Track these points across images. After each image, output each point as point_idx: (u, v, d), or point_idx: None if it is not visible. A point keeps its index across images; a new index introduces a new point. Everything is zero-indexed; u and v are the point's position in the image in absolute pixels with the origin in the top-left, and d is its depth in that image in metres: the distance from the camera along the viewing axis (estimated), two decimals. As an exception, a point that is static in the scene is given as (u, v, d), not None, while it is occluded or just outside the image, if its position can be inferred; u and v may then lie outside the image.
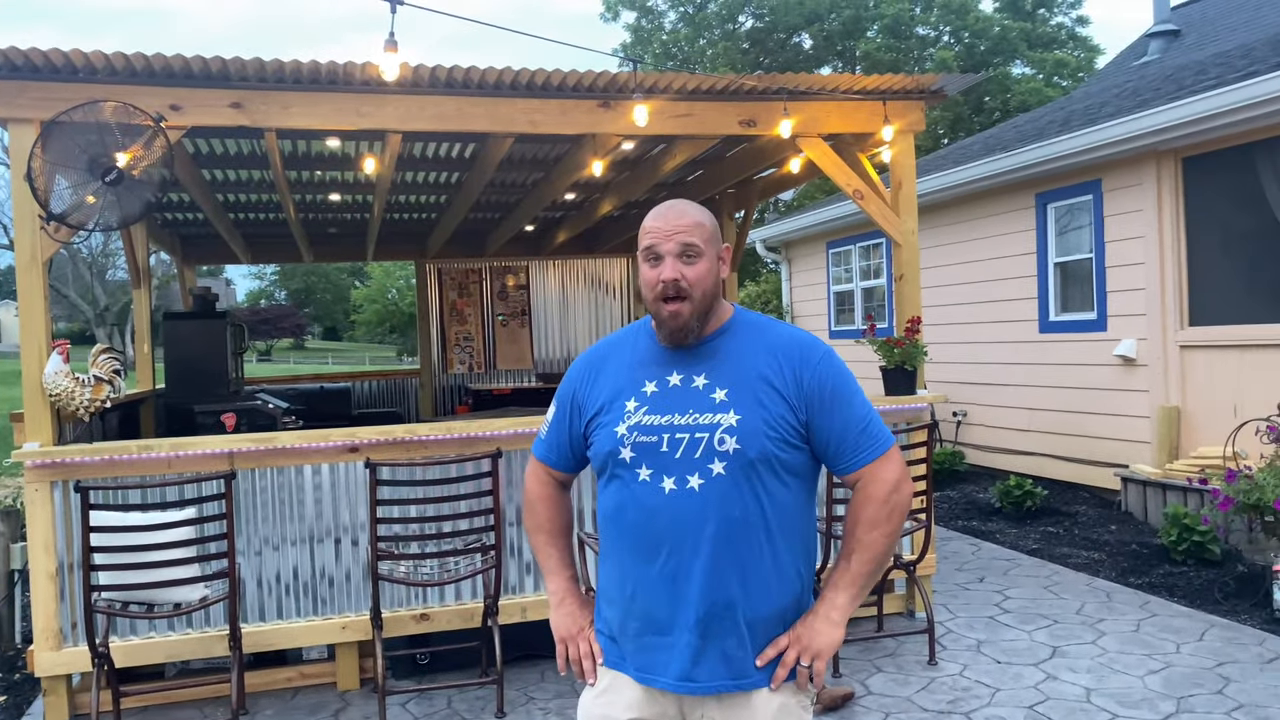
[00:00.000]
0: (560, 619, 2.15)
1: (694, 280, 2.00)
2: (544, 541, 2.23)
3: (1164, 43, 13.43)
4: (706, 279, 2.02)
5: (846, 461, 2.02)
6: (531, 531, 2.26)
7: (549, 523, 2.24)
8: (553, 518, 2.25)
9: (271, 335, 54.78)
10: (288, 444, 4.69)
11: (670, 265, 2.00)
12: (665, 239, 2.01)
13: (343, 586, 4.81)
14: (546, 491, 2.25)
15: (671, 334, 2.03)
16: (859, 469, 2.02)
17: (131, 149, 4.49)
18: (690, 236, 2.01)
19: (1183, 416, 7.56)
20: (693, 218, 2.03)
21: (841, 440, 2.01)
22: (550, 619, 2.17)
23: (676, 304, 2.00)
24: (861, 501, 2.03)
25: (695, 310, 2.01)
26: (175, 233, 9.75)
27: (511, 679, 4.78)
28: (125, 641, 4.50)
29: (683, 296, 1.99)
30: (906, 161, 5.65)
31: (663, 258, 2.01)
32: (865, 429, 2.03)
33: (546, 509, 2.25)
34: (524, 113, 5.04)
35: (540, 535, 2.24)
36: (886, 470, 2.03)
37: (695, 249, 2.01)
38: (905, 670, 4.77)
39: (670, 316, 2.01)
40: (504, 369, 11.50)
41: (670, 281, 1.99)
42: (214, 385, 7.52)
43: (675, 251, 2.00)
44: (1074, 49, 30.80)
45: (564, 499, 2.27)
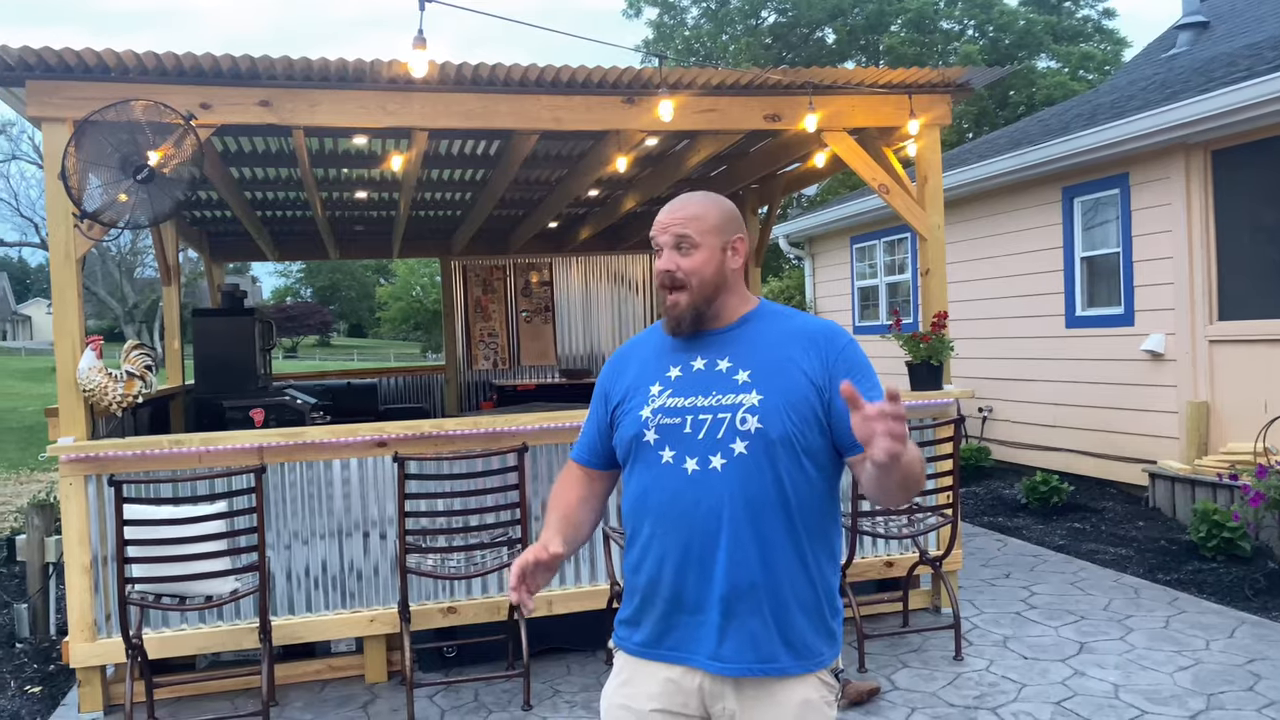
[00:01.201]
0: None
1: (689, 270, 2.05)
2: (549, 509, 2.24)
3: (1193, 35, 13.28)
4: (705, 268, 2.05)
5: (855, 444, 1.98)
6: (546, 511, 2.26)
7: (560, 495, 2.24)
8: (564, 490, 2.25)
9: (297, 332, 55.19)
10: (316, 439, 4.74)
11: (666, 256, 2.06)
12: (661, 231, 2.08)
13: (371, 580, 4.85)
14: (567, 476, 2.28)
15: (670, 322, 2.09)
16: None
17: (162, 147, 4.55)
18: (683, 228, 2.06)
19: (1212, 412, 7.48)
20: (691, 210, 2.08)
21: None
22: None
23: (675, 294, 2.06)
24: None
25: (693, 299, 2.05)
26: (204, 230, 9.85)
27: (538, 672, 4.81)
28: (158, 634, 4.56)
29: (678, 286, 2.05)
30: (932, 156, 5.62)
31: (661, 249, 2.08)
32: None
33: (561, 486, 2.26)
34: (549, 109, 5.06)
35: (548, 507, 2.24)
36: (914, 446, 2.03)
37: (689, 240, 2.05)
38: (931, 665, 4.76)
39: (670, 305, 2.07)
40: (528, 365, 11.55)
41: (664, 272, 2.06)
42: (243, 381, 7.59)
43: (670, 243, 2.06)
44: (1100, 42, 30.50)
45: (587, 484, 2.24)
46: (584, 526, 2.22)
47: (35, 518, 5.51)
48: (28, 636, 5.56)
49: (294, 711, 4.51)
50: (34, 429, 18.96)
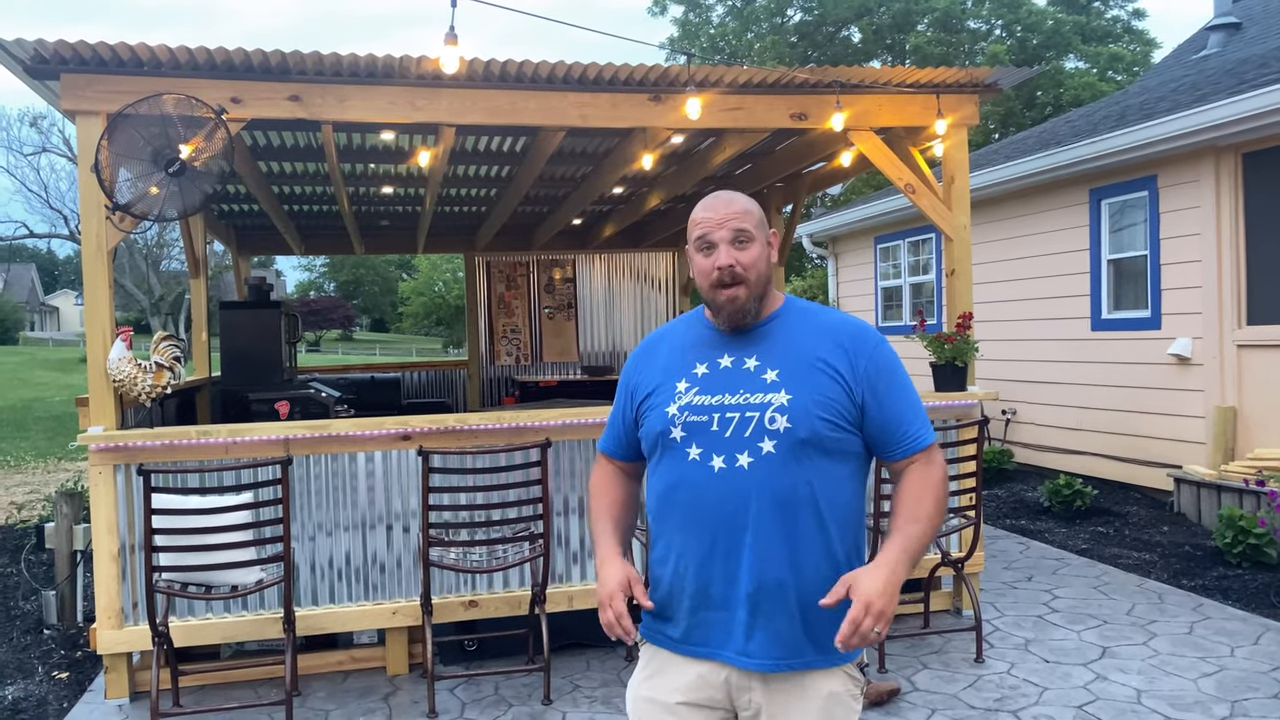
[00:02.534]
0: (602, 579, 2.10)
1: (748, 264, 2.05)
2: (597, 515, 2.25)
3: (1224, 36, 13.14)
4: (760, 263, 2.07)
5: (900, 446, 2.05)
6: (590, 514, 2.29)
7: (604, 497, 2.27)
8: (607, 492, 2.27)
9: (320, 326, 55.54)
10: (342, 431, 4.78)
11: (725, 252, 2.05)
12: (717, 226, 2.06)
13: (394, 572, 4.89)
14: (604, 474, 2.31)
15: (730, 317, 2.07)
16: (915, 454, 2.06)
17: (193, 141, 4.60)
18: (741, 222, 2.06)
19: (1239, 417, 7.41)
20: (741, 205, 2.09)
21: (896, 424, 2.05)
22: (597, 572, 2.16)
23: (733, 289, 2.04)
24: (918, 479, 2.05)
25: (752, 293, 2.06)
26: (231, 224, 9.94)
27: (558, 667, 4.83)
28: (184, 622, 4.62)
29: (739, 281, 2.04)
30: (959, 156, 5.60)
31: (716, 245, 2.06)
32: (918, 416, 2.08)
33: (602, 487, 2.29)
34: (575, 106, 5.07)
35: (595, 512, 2.26)
36: (937, 458, 2.08)
37: (747, 234, 2.06)
38: (952, 667, 4.74)
39: (728, 301, 2.05)
40: (550, 361, 11.59)
41: (726, 268, 2.04)
42: (268, 373, 7.66)
43: (728, 238, 2.05)
44: (1129, 43, 30.21)
45: (624, 481, 2.30)
46: (631, 529, 2.27)
47: (64, 506, 5.58)
48: (55, 623, 5.63)
49: (316, 701, 4.55)
50: (61, 419, 19.19)
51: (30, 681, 4.88)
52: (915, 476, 2.05)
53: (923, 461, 2.05)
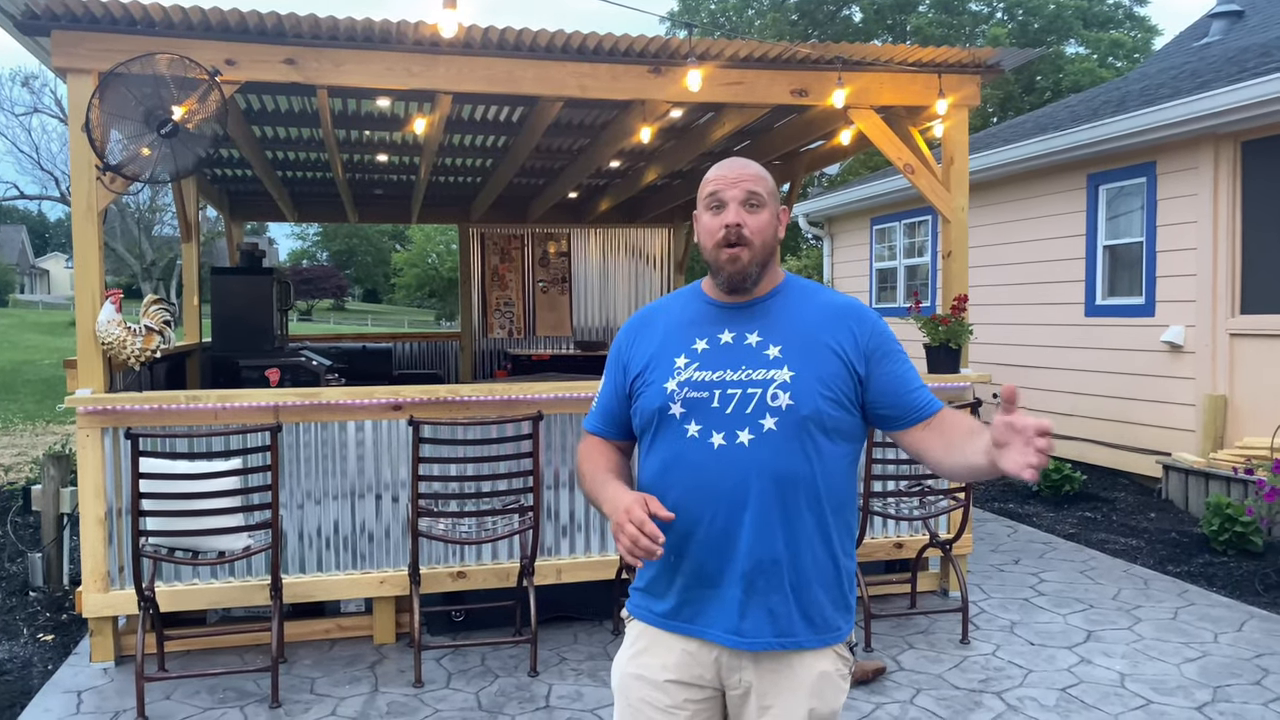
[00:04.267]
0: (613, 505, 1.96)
1: (755, 229, 2.02)
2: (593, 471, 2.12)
3: (1227, 24, 13.09)
4: (767, 229, 2.04)
5: (915, 410, 2.00)
6: (584, 480, 2.15)
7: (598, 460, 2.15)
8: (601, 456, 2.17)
9: (312, 295, 55.28)
10: (332, 400, 4.75)
11: (734, 210, 2.01)
12: (730, 185, 2.03)
13: (382, 542, 4.88)
14: (593, 444, 2.22)
15: (730, 279, 2.04)
16: (929, 417, 2.00)
17: (186, 102, 4.54)
18: (754, 185, 2.03)
19: (1230, 406, 7.43)
20: (756, 170, 2.06)
21: (907, 391, 2.01)
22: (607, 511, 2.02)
23: (737, 249, 2.01)
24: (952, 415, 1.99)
25: (754, 258, 2.02)
26: (224, 189, 9.86)
27: (545, 639, 4.84)
28: (170, 587, 4.60)
29: (743, 243, 2.01)
30: (959, 137, 5.56)
31: (726, 204, 2.02)
32: (923, 385, 2.06)
33: (594, 453, 2.18)
34: (574, 76, 5.02)
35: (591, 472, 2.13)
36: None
37: (759, 198, 2.03)
38: (938, 648, 4.76)
39: (729, 260, 2.02)
40: (543, 335, 11.56)
41: (733, 226, 2.00)
42: (259, 340, 7.62)
43: (740, 199, 2.02)
44: (1131, 29, 30.11)
45: (615, 452, 2.21)
46: (632, 485, 2.12)
47: (51, 468, 5.55)
48: (41, 585, 5.62)
49: (302, 669, 4.55)
50: (50, 381, 19.10)
51: (15, 644, 4.86)
52: (946, 415, 2.00)
53: (949, 412, 2.02)
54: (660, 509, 1.88)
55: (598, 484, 2.10)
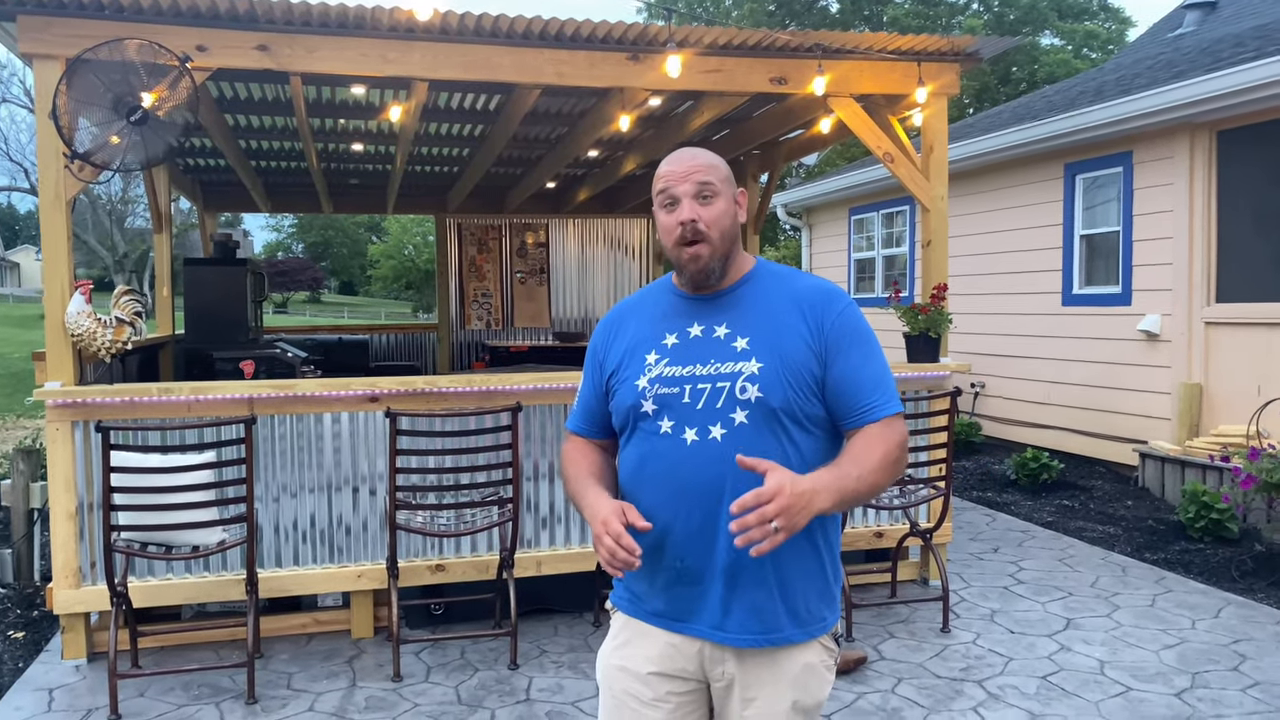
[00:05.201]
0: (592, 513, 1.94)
1: (711, 220, 1.97)
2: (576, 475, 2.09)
3: (1200, 15, 13.18)
4: (724, 219, 1.99)
5: (858, 413, 1.94)
6: (568, 483, 2.13)
7: (580, 462, 2.13)
8: (584, 458, 2.14)
9: (288, 288, 54.86)
10: (308, 392, 4.69)
11: (688, 206, 1.97)
12: (680, 180, 1.98)
13: (359, 535, 4.82)
14: (577, 444, 2.19)
15: (693, 277, 2.00)
16: (870, 423, 1.94)
17: (156, 89, 4.45)
18: (705, 175, 1.98)
19: (1205, 394, 7.48)
20: (705, 159, 2.01)
21: (856, 389, 1.94)
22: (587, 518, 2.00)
23: (696, 246, 1.97)
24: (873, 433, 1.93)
25: (715, 251, 1.98)
26: (197, 179, 9.73)
27: (525, 631, 4.80)
28: (143, 582, 4.53)
29: (701, 238, 1.96)
30: (939, 125, 5.55)
31: (679, 200, 1.98)
32: (880, 383, 1.97)
33: (577, 454, 2.16)
34: (552, 63, 4.97)
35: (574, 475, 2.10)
36: (898, 425, 1.97)
37: (711, 187, 1.98)
38: (918, 637, 4.76)
39: (690, 260, 1.98)
40: (521, 327, 11.50)
41: (688, 223, 1.96)
42: (233, 332, 7.52)
43: (691, 192, 1.97)
44: (1105, 20, 30.28)
45: (599, 452, 2.18)
46: (615, 490, 2.11)
47: (20, 463, 5.46)
48: (11, 582, 5.52)
49: (279, 664, 4.50)
50: (20, 375, 18.84)
51: (-15, 641, 4.78)
52: (870, 431, 1.94)
53: (881, 424, 1.95)
54: (638, 519, 1.87)
55: (579, 489, 2.07)
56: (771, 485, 1.72)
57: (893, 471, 1.93)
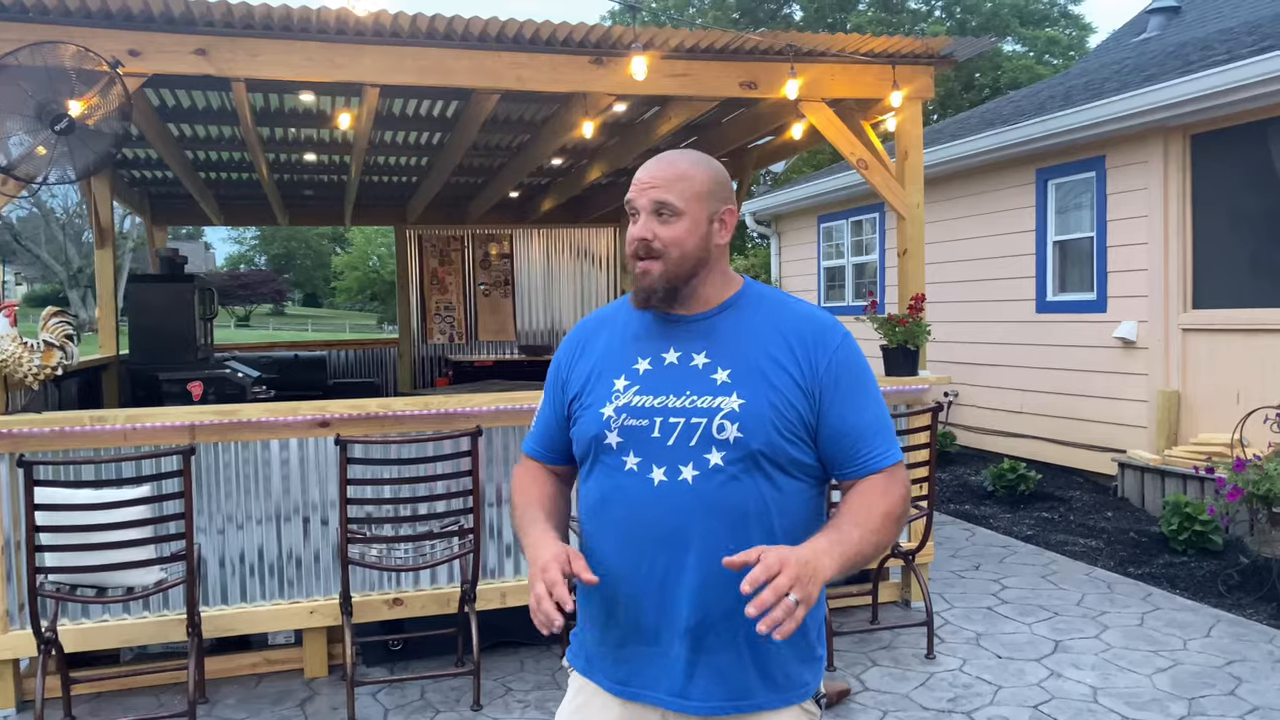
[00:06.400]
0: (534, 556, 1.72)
1: (668, 241, 1.75)
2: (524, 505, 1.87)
3: (1164, 19, 13.19)
4: (686, 240, 1.76)
5: (857, 463, 1.74)
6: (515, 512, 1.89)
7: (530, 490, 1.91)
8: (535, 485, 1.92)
9: (251, 301, 54.04)
10: (253, 417, 4.39)
11: (643, 223, 1.76)
12: (640, 193, 1.77)
13: (311, 568, 4.53)
14: (530, 470, 1.96)
15: (638, 294, 1.80)
16: (871, 474, 1.74)
17: (86, 97, 4.16)
18: (665, 193, 1.75)
19: (1183, 402, 7.36)
20: (678, 169, 1.78)
21: (856, 437, 1.74)
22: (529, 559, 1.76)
23: (646, 262, 1.76)
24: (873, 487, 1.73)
25: (668, 272, 1.76)
26: (144, 191, 9.37)
27: (489, 668, 4.53)
28: (76, 625, 4.21)
29: (653, 255, 1.75)
30: (913, 130, 5.37)
31: (638, 213, 1.78)
32: (881, 430, 1.77)
33: (529, 481, 1.93)
34: (511, 67, 4.72)
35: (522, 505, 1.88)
36: (900, 476, 1.77)
37: (670, 207, 1.75)
38: (902, 664, 4.55)
39: (639, 274, 1.77)
40: (486, 340, 11.20)
41: (638, 240, 1.76)
42: (180, 352, 7.18)
43: (648, 208, 1.76)
44: (1066, 27, 30.53)
45: (554, 480, 1.95)
46: (565, 525, 1.90)
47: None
48: (-61, 623, 5.16)
49: (225, 709, 4.20)
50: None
51: (-96, 691, 4.43)
52: (870, 484, 1.74)
53: (883, 475, 1.75)
54: (584, 570, 1.63)
55: (525, 522, 1.84)
56: (773, 559, 1.49)
57: (896, 529, 1.72)
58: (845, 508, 1.73)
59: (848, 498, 1.75)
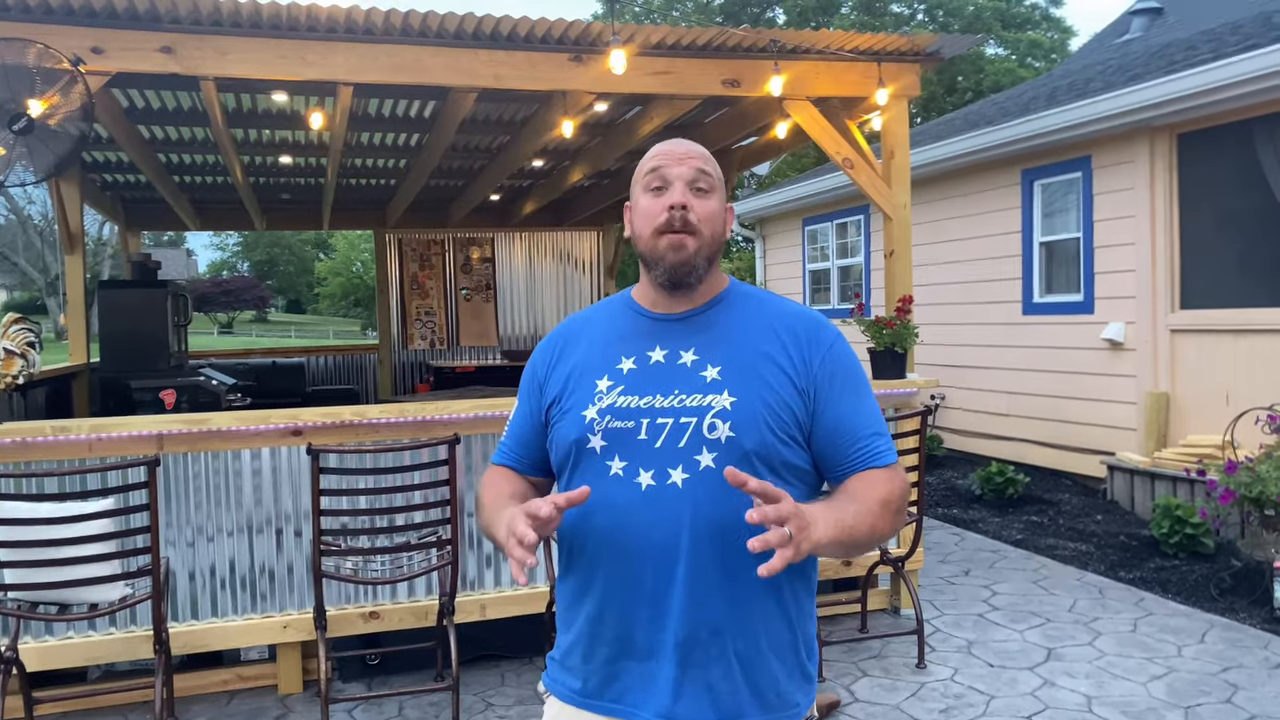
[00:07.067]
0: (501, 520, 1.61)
1: (704, 215, 1.66)
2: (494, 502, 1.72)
3: (1147, 20, 13.18)
4: (716, 219, 1.69)
5: (853, 460, 1.66)
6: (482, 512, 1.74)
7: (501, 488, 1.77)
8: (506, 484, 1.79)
9: (233, 307, 53.62)
10: (223, 426, 4.25)
11: (680, 190, 1.65)
12: (676, 162, 1.67)
13: (284, 581, 4.40)
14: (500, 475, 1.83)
15: (672, 270, 1.66)
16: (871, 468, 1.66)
17: (46, 96, 4.02)
18: (705, 165, 1.68)
19: (1171, 403, 7.30)
20: (704, 152, 1.71)
21: (852, 436, 1.65)
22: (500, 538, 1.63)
23: (682, 235, 1.64)
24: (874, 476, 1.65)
25: (701, 250, 1.66)
26: (117, 196, 9.19)
27: (469, 682, 4.40)
28: (40, 643, 4.07)
29: (690, 229, 1.64)
30: (899, 129, 5.28)
31: (670, 184, 1.66)
32: (878, 429, 1.69)
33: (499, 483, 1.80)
34: (488, 65, 4.61)
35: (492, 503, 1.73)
36: (899, 475, 1.68)
37: (710, 180, 1.68)
38: (893, 674, 4.45)
39: (671, 248, 1.65)
40: (467, 345, 11.06)
41: (678, 207, 1.63)
42: (153, 359, 7.01)
43: (687, 178, 1.66)
44: (1047, 30, 30.62)
45: (526, 485, 1.82)
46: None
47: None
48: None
49: (194, 729, 4.06)
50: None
51: None
52: (868, 474, 1.65)
53: (883, 469, 1.66)
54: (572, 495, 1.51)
55: (494, 512, 1.68)
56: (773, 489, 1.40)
57: (894, 521, 1.62)
58: (842, 489, 1.64)
59: (845, 484, 1.65)
